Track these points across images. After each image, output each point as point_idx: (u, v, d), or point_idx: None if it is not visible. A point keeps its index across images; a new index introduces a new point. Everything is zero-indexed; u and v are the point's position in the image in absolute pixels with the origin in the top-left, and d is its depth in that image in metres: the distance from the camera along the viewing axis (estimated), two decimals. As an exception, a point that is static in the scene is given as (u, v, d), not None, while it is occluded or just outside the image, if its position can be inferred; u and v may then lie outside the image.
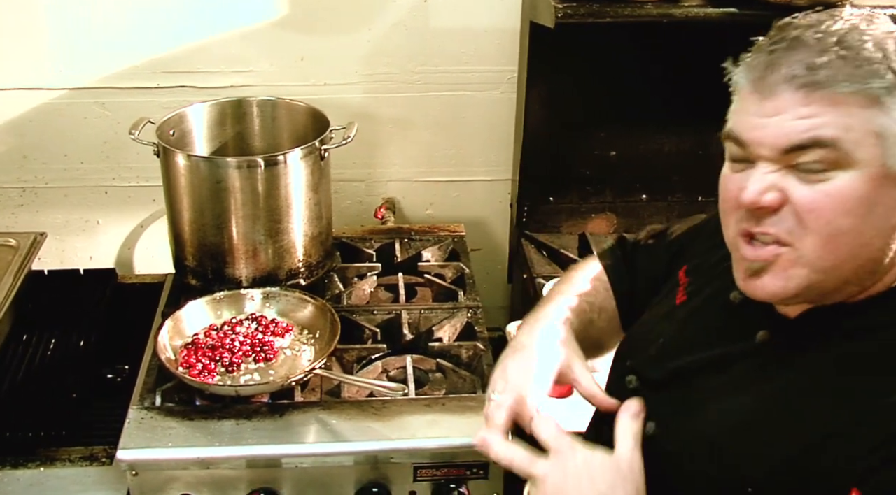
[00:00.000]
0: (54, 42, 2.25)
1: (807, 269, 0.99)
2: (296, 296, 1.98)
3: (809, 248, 0.98)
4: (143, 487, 1.66)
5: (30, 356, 1.96)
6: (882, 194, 0.95)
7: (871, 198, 0.95)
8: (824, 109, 0.94)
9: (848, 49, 0.94)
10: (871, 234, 0.97)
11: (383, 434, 1.68)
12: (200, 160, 1.98)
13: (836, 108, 0.94)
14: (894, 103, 0.93)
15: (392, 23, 2.30)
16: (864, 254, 0.98)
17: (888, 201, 0.96)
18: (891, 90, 0.93)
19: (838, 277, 1.00)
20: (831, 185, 0.95)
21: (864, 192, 0.95)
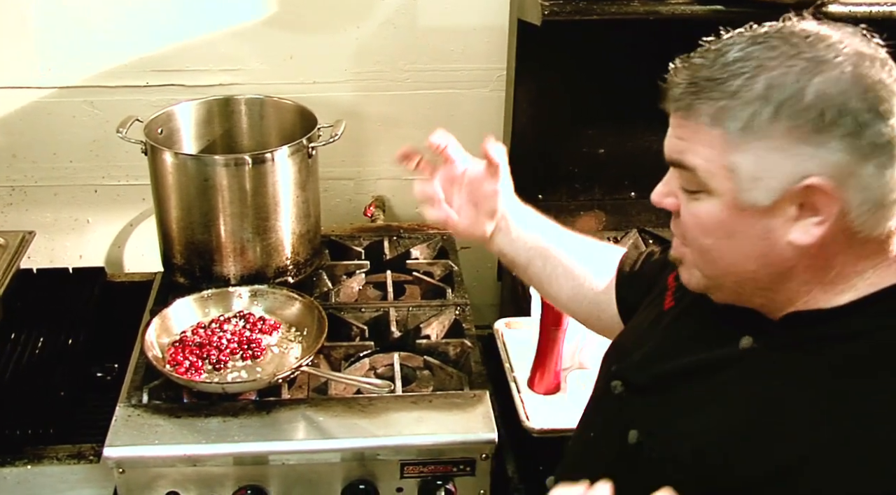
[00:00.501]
0: (43, 41, 2.24)
1: (699, 273, 1.09)
2: (283, 293, 1.98)
3: (692, 256, 1.08)
4: (130, 485, 1.66)
5: (18, 354, 1.97)
6: (738, 223, 0.99)
7: (727, 225, 1.00)
8: (691, 136, 1.00)
9: (720, 82, 0.96)
10: (736, 257, 1.02)
11: (370, 431, 1.68)
12: (188, 158, 1.98)
13: (700, 138, 0.98)
14: (746, 142, 0.95)
15: (380, 21, 2.30)
16: (738, 272, 1.03)
17: (747, 230, 0.99)
18: (744, 130, 0.95)
19: (728, 287, 1.06)
20: (697, 206, 1.02)
21: (721, 218, 1.00)
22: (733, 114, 0.95)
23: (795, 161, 0.94)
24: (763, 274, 1.02)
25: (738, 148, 0.96)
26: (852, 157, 0.93)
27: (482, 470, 1.70)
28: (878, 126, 0.93)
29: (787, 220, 0.97)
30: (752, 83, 0.94)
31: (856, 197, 0.94)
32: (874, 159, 0.93)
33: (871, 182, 0.94)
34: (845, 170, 0.93)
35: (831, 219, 0.95)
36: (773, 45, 0.96)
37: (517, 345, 1.95)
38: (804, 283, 1.02)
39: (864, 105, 0.92)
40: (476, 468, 1.70)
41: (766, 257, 1.00)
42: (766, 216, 0.98)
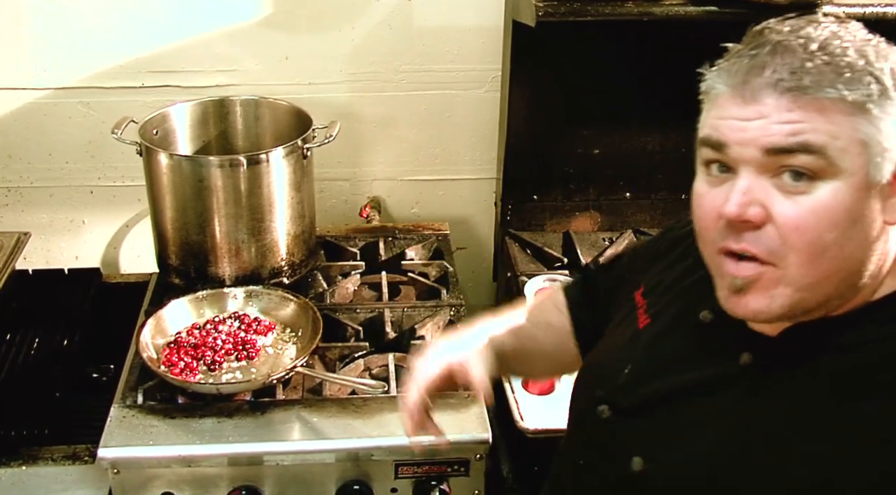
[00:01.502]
0: (38, 42, 2.25)
1: (791, 288, 0.96)
2: (278, 294, 1.98)
3: (793, 267, 0.95)
4: (124, 485, 1.66)
5: (14, 355, 1.97)
6: (865, 205, 0.93)
7: (855, 210, 0.93)
8: (810, 115, 0.91)
9: (831, 55, 0.92)
10: (852, 247, 0.94)
11: (364, 431, 1.69)
12: (183, 159, 1.98)
13: (822, 115, 0.91)
14: (879, 112, 0.91)
15: (376, 22, 2.30)
16: (847, 268, 0.95)
17: (869, 212, 0.93)
18: (875, 98, 0.91)
19: (822, 293, 0.97)
20: (814, 199, 0.93)
21: (849, 203, 0.92)
22: (861, 82, 0.91)
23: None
24: (868, 263, 0.96)
25: (875, 118, 0.91)
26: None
27: (476, 470, 1.70)
28: None
29: (886, 198, 0.95)
30: (865, 52, 0.93)
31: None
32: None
33: None
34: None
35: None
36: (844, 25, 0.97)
37: (512, 345, 1.95)
38: (871, 276, 0.98)
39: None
40: (470, 468, 1.70)
41: (876, 243, 0.95)
42: (882, 194, 0.94)
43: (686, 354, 1.12)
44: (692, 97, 1.13)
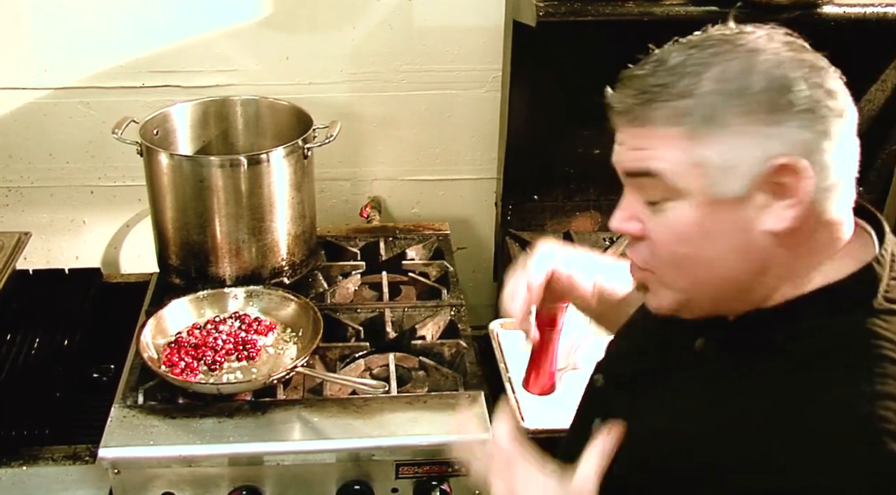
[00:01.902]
0: (38, 42, 2.25)
1: (670, 291, 1.05)
2: (279, 294, 1.98)
3: (664, 274, 1.04)
4: (125, 485, 1.66)
5: (14, 355, 1.97)
6: (714, 220, 0.98)
7: (704, 225, 0.98)
8: (653, 142, 0.98)
9: (670, 85, 0.96)
10: (716, 258, 1.00)
11: (365, 432, 1.68)
12: (183, 159, 1.98)
13: (660, 142, 0.98)
14: (710, 134, 0.95)
15: (376, 22, 2.30)
16: (721, 274, 1.01)
17: (724, 226, 0.98)
18: (706, 122, 0.95)
19: (708, 295, 1.04)
20: (666, 217, 1.00)
21: (696, 219, 0.98)
22: (691, 110, 0.96)
23: (760, 144, 0.94)
24: (744, 271, 1.00)
25: (704, 141, 0.96)
26: (812, 134, 0.94)
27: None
28: (827, 102, 0.95)
29: (760, 209, 0.97)
30: (701, 80, 0.95)
31: (821, 173, 0.96)
32: (823, 133, 0.95)
33: (827, 158, 0.95)
34: (808, 147, 0.95)
35: (805, 199, 0.95)
36: (708, 45, 0.98)
37: (512, 345, 1.95)
38: (777, 277, 1.01)
39: (807, 83, 0.94)
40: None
41: (746, 252, 0.99)
42: (740, 207, 0.97)
43: (654, 338, 1.18)
44: None
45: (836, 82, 0.97)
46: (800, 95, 0.94)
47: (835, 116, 0.95)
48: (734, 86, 0.95)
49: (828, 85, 0.96)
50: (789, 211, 0.96)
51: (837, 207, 0.99)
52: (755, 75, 0.94)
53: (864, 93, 2.32)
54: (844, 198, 1.00)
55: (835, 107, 0.95)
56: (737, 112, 0.95)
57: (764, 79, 0.94)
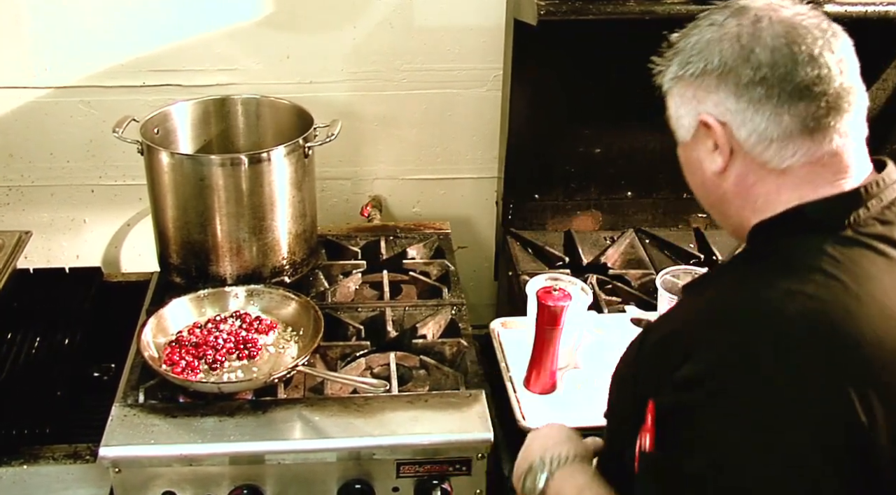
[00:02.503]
0: (39, 41, 2.25)
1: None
2: (279, 293, 1.98)
3: None
4: (125, 484, 1.66)
5: (15, 354, 1.97)
6: (686, 158, 1.24)
7: (684, 161, 1.25)
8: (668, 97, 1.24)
9: (666, 57, 1.22)
10: (694, 185, 1.25)
11: (366, 430, 1.68)
12: (184, 158, 1.98)
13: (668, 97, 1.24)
14: (671, 91, 1.21)
15: (377, 21, 2.30)
16: (703, 199, 1.25)
17: (689, 163, 1.24)
18: (671, 82, 1.21)
19: (713, 215, 1.27)
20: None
21: (681, 157, 1.26)
22: (665, 72, 1.22)
23: (691, 104, 1.18)
24: (712, 200, 1.23)
25: (668, 96, 1.22)
26: (727, 95, 1.14)
27: (478, 469, 1.70)
28: (744, 69, 1.12)
29: (707, 153, 1.19)
30: (678, 47, 1.20)
31: (742, 130, 1.14)
32: (745, 96, 1.13)
33: (749, 116, 1.13)
34: (724, 109, 1.15)
35: (726, 150, 1.16)
36: (707, 16, 1.19)
37: (513, 344, 1.95)
38: (741, 209, 1.20)
39: (733, 54, 1.13)
40: (472, 467, 1.70)
41: (705, 184, 1.22)
42: (693, 149, 1.21)
43: None
44: None
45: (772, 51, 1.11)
46: (720, 66, 1.13)
47: (752, 81, 1.12)
48: (687, 55, 1.17)
49: (751, 53, 1.12)
50: (719, 157, 1.17)
51: (791, 156, 1.14)
52: (706, 48, 1.15)
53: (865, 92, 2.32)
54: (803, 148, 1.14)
55: (754, 72, 1.11)
56: (685, 75, 1.18)
57: (703, 51, 1.15)
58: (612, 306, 2.11)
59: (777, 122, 1.12)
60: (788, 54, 1.11)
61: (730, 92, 1.13)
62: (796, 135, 1.12)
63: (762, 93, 1.12)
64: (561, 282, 1.85)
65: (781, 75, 1.11)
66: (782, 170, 1.15)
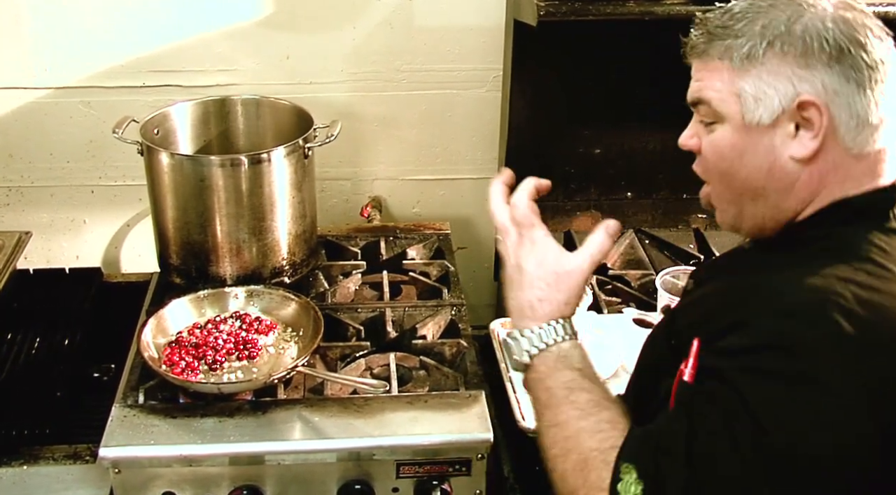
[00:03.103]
0: (39, 42, 2.25)
1: (722, 203, 1.27)
2: (279, 293, 1.98)
3: (714, 187, 1.27)
4: (125, 485, 1.66)
5: (15, 355, 1.97)
6: (747, 142, 1.18)
7: (738, 145, 1.19)
8: (705, 75, 1.21)
9: (727, 27, 1.18)
10: (748, 172, 1.20)
11: (366, 431, 1.68)
12: (184, 158, 1.98)
13: (712, 74, 1.20)
14: (748, 70, 1.16)
15: (377, 21, 2.30)
16: (752, 189, 1.21)
17: (755, 147, 1.18)
18: (747, 60, 1.16)
19: (747, 211, 1.23)
20: (711, 137, 1.22)
21: (732, 141, 1.19)
22: (737, 49, 1.16)
23: (789, 83, 1.14)
24: (771, 189, 1.19)
25: (743, 76, 1.16)
26: (836, 78, 1.13)
27: (478, 470, 1.70)
28: (858, 54, 1.13)
29: (787, 137, 1.16)
30: (752, 25, 1.16)
31: (842, 113, 1.14)
32: (854, 81, 1.13)
33: (854, 100, 1.14)
34: (830, 89, 1.13)
35: (822, 132, 1.14)
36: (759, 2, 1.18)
37: (513, 345, 1.95)
38: (801, 201, 1.19)
39: (843, 37, 1.13)
40: (472, 468, 1.70)
41: (772, 171, 1.18)
42: (769, 133, 1.17)
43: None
44: (668, 96, 1.23)
45: (876, 39, 1.15)
46: (829, 47, 1.12)
47: (866, 68, 1.13)
48: (776, 31, 1.14)
49: (863, 39, 1.13)
50: (811, 142, 1.15)
51: (876, 144, 1.16)
52: (797, 25, 1.14)
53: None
54: (887, 137, 1.17)
55: (868, 59, 1.13)
56: (774, 55, 1.15)
57: (803, 30, 1.13)
58: (612, 306, 2.11)
59: (878, 106, 1.15)
60: (887, 47, 1.15)
61: (841, 74, 1.13)
62: (884, 123, 1.16)
63: (872, 77, 1.13)
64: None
65: (887, 62, 1.14)
66: (860, 156, 1.17)
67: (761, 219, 1.24)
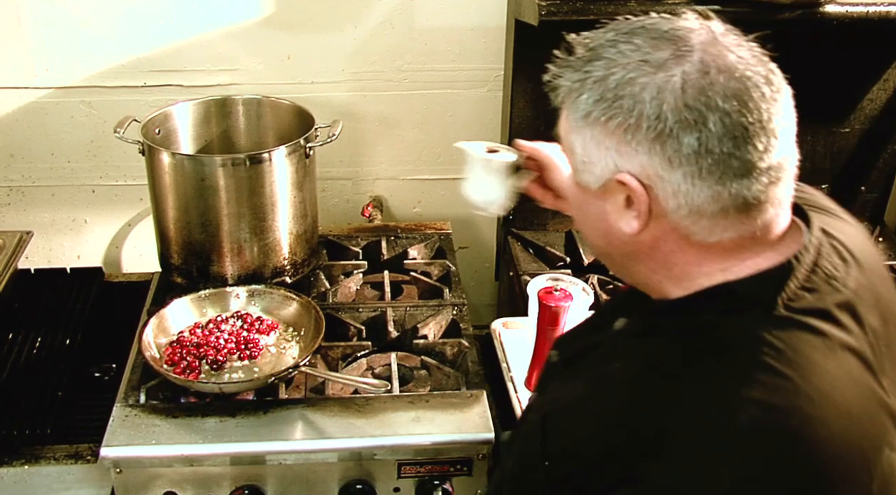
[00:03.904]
0: (40, 41, 2.25)
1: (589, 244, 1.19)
2: (281, 293, 1.98)
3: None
4: (127, 485, 1.66)
5: (16, 354, 1.97)
6: (582, 199, 1.08)
7: (577, 199, 1.10)
8: (560, 112, 1.08)
9: (570, 68, 1.04)
10: (588, 230, 1.12)
11: (367, 431, 1.68)
12: (185, 158, 1.98)
13: (562, 115, 1.07)
14: (579, 128, 1.02)
15: (378, 21, 2.30)
16: (595, 245, 1.14)
17: (588, 207, 1.08)
18: (578, 116, 1.02)
19: (606, 261, 1.16)
20: (569, 180, 1.11)
21: (573, 191, 1.10)
22: (573, 100, 1.02)
23: (612, 155, 1.00)
24: (613, 252, 1.10)
25: (575, 132, 1.03)
26: (660, 161, 0.97)
27: (479, 469, 1.70)
28: (687, 137, 0.95)
29: (618, 208, 1.03)
30: (594, 71, 1.00)
31: (670, 201, 0.99)
32: (682, 168, 0.97)
33: (683, 189, 0.98)
34: (653, 172, 0.98)
35: (645, 216, 1.01)
36: (624, 42, 1.00)
37: (514, 344, 1.95)
38: (652, 272, 1.07)
39: (674, 115, 0.95)
40: (473, 468, 1.70)
41: (608, 237, 1.08)
42: (598, 198, 1.05)
43: (600, 318, 1.27)
44: None
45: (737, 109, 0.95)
46: (658, 125, 0.96)
47: (698, 155, 0.96)
48: (609, 93, 0.98)
49: (698, 118, 0.95)
50: (635, 221, 1.02)
51: (722, 231, 1.00)
52: (630, 91, 0.97)
53: (867, 92, 2.32)
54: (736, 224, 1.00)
55: (707, 143, 0.95)
56: (602, 120, 0.99)
57: (633, 98, 0.97)
58: (613, 306, 2.10)
59: (715, 199, 0.97)
60: (740, 124, 0.95)
61: (665, 158, 0.96)
62: (732, 212, 0.99)
63: (704, 166, 0.96)
64: (562, 282, 1.85)
65: (730, 150, 0.95)
66: (709, 244, 1.01)
67: (626, 278, 1.14)
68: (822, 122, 2.36)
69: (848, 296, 1.02)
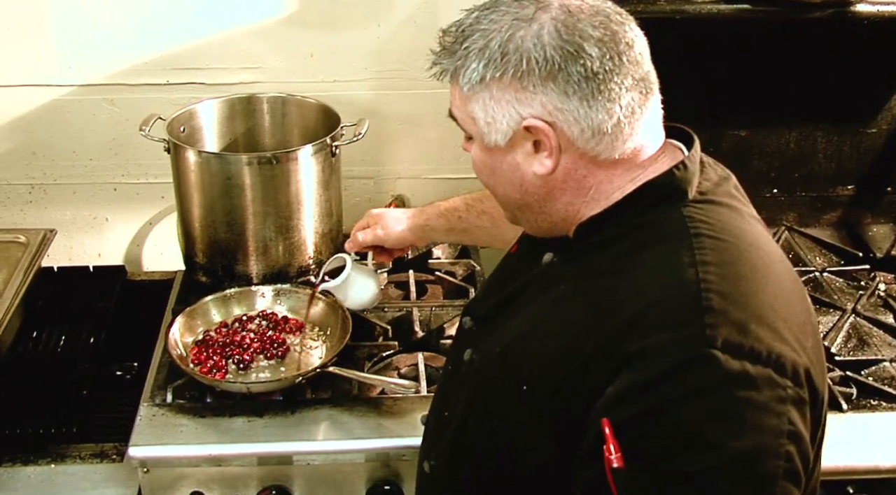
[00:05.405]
0: (63, 39, 2.24)
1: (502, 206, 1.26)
2: (306, 293, 1.97)
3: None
4: (153, 484, 1.66)
5: (39, 353, 1.97)
6: (492, 161, 1.17)
7: (487, 163, 1.18)
8: (451, 93, 1.17)
9: (452, 50, 1.13)
10: (503, 189, 1.20)
11: (395, 431, 1.68)
12: (211, 157, 1.98)
13: (454, 94, 1.17)
14: (474, 95, 1.12)
15: (401, 19, 2.29)
16: (512, 202, 1.21)
17: (500, 166, 1.17)
18: (470, 85, 1.11)
19: (522, 215, 1.23)
20: (472, 151, 1.20)
21: (482, 158, 1.18)
22: (462, 72, 1.12)
23: (511, 107, 1.10)
24: (530, 200, 1.18)
25: (472, 100, 1.13)
26: (555, 96, 1.08)
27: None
28: (574, 66, 1.07)
29: (528, 155, 1.14)
30: (475, 45, 1.10)
31: (572, 128, 1.10)
32: (576, 94, 1.08)
33: (582, 113, 1.09)
34: (552, 107, 1.09)
35: (556, 152, 1.12)
36: (490, 13, 1.11)
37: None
38: (569, 204, 1.17)
39: (555, 52, 1.07)
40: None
41: (524, 186, 1.17)
42: (508, 153, 1.15)
43: (519, 266, 1.34)
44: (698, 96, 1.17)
45: (595, 43, 1.07)
46: (544, 65, 1.07)
47: (583, 79, 1.07)
48: (494, 56, 1.09)
49: (578, 49, 1.06)
50: (548, 160, 1.12)
51: (628, 143, 1.12)
52: (510, 44, 1.08)
53: (894, 92, 2.30)
54: (631, 135, 1.12)
55: (586, 70, 1.06)
56: (494, 78, 1.10)
57: (515, 48, 1.08)
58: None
59: (610, 114, 1.09)
60: (613, 44, 1.08)
61: (560, 91, 1.08)
62: (625, 125, 1.10)
63: (594, 87, 1.07)
64: None
65: (610, 67, 1.07)
66: (614, 160, 1.13)
67: (544, 224, 1.22)
68: (849, 123, 2.34)
69: (734, 183, 1.22)
